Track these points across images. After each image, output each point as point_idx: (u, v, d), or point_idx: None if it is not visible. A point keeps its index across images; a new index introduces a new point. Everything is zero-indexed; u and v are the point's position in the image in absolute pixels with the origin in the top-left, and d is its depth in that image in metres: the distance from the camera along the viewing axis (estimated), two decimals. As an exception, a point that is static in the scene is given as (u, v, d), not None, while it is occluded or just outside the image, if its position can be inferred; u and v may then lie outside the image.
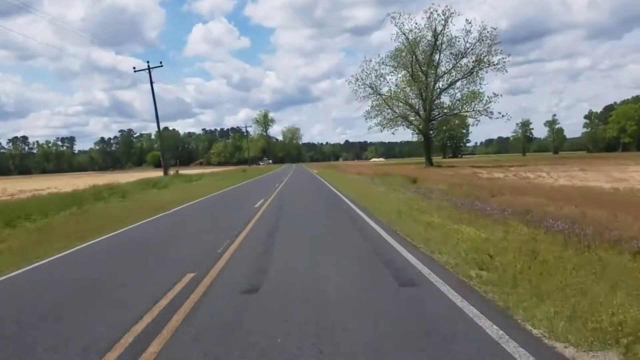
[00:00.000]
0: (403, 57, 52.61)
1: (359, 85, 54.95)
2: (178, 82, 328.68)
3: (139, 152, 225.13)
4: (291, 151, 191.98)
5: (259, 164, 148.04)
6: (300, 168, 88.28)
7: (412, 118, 54.79)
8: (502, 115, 50.40)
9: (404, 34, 51.76)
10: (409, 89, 53.22)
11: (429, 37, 51.75)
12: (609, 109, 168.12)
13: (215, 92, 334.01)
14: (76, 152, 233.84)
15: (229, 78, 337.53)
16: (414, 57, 52.22)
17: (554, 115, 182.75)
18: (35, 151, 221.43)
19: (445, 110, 53.17)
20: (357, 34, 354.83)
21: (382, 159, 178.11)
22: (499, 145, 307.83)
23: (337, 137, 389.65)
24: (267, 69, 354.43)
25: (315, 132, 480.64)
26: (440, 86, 53.17)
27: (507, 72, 49.13)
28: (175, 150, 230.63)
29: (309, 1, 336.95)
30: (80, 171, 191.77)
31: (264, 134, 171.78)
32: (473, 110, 50.78)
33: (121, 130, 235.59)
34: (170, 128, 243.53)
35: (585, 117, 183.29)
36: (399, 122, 55.13)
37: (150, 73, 42.49)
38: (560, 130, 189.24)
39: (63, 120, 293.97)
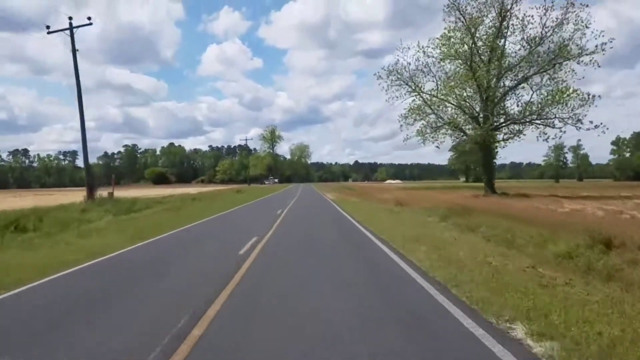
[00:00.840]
0: (456, 42, 36.64)
1: (392, 80, 38.87)
2: (191, 100, 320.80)
3: (142, 168, 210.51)
4: (299, 170, 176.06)
5: (264, 183, 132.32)
6: (308, 190, 72.14)
7: (467, 126, 38.41)
8: (596, 126, 34.27)
9: (458, 10, 36.01)
10: (463, 87, 37.07)
11: (492, 15, 35.98)
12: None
13: (227, 111, 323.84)
14: (79, 167, 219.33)
15: (240, 97, 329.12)
16: (472, 41, 36.26)
17: (579, 140, 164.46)
18: (35, 164, 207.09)
19: (515, 115, 36.70)
20: (369, 57, 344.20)
21: (398, 181, 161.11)
22: (512, 171, 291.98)
23: (345, 158, 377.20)
24: (279, 89, 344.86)
25: (324, 152, 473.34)
26: (507, 84, 37.13)
27: (599, 66, 32.74)
28: (180, 167, 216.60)
29: (321, 23, 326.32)
30: (83, 186, 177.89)
31: (271, 151, 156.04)
32: (555, 117, 34.81)
33: (125, 145, 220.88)
34: (182, 145, 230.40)
35: (613, 143, 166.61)
36: (447, 131, 38.83)
37: (72, 34, 26.79)
38: (586, 156, 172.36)
39: (75, 136, 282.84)
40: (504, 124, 37.28)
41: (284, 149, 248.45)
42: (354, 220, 19.08)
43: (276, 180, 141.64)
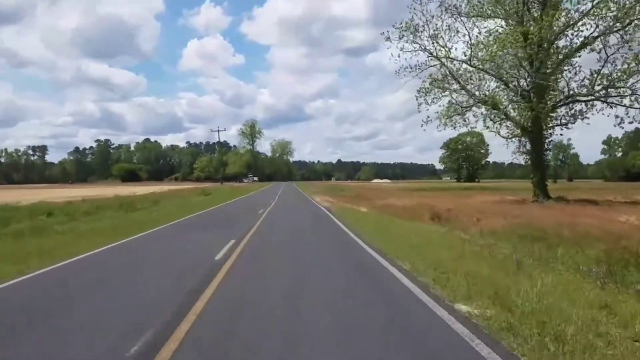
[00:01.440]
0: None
1: (407, 39, 27.12)
2: (171, 96, 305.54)
3: (115, 164, 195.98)
4: (280, 168, 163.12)
5: (242, 182, 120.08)
6: (291, 191, 60.50)
7: (509, 106, 26.81)
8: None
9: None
10: (506, 53, 25.50)
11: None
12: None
13: (208, 108, 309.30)
14: (52, 162, 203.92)
15: (222, 94, 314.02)
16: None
17: (569, 139, 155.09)
18: (2, 160, 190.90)
19: (578, 90, 25.25)
20: (351, 55, 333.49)
21: (387, 181, 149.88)
22: (495, 171, 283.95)
23: (328, 157, 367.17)
24: (261, 86, 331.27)
25: (306, 151, 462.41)
26: (563, 50, 25.77)
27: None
28: (155, 164, 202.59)
29: (304, 20, 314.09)
30: (51, 182, 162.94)
31: (251, 147, 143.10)
32: (632, 94, 23.67)
33: (97, 140, 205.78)
34: (158, 141, 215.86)
35: (604, 142, 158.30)
36: (484, 112, 27.26)
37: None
38: (576, 155, 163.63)
39: (52, 131, 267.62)
40: (560, 103, 25.90)
41: (265, 147, 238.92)
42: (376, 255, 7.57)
43: (255, 178, 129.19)
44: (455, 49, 26.91)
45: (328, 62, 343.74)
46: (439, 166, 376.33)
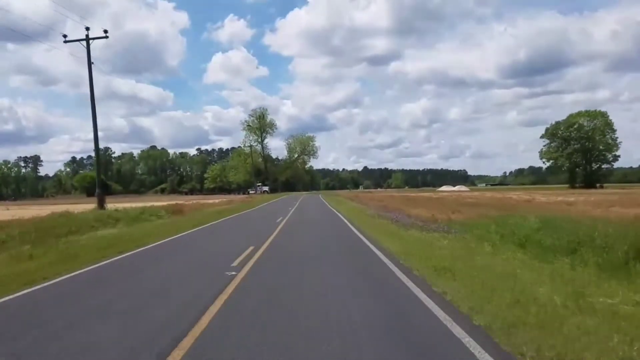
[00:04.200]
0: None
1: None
2: (197, 109, 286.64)
3: (116, 175, 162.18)
4: (300, 174, 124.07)
5: (248, 193, 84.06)
6: (318, 217, 23.34)
7: None
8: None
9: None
10: None
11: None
12: None
13: (233, 120, 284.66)
14: (45, 175, 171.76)
15: (246, 106, 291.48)
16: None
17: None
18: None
19: None
20: (374, 64, 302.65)
21: (463, 188, 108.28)
22: (537, 176, 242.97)
23: (351, 165, 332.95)
24: (284, 97, 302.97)
25: (329, 160, 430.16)
26: None
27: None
28: (162, 174, 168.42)
29: (326, 30, 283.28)
30: (38, 197, 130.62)
31: (261, 145, 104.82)
32: None
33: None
34: (165, 148, 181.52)
35: None
36: None
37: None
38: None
39: (82, 146, 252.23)
40: None
41: (277, 145, 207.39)
42: None
43: (265, 189, 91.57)
44: None
45: (350, 71, 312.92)
46: (514, 166, 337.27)
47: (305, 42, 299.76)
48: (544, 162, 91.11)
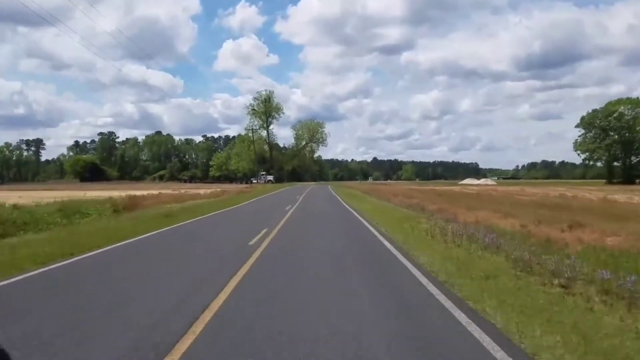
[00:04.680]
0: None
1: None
2: (207, 96, 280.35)
3: (119, 161, 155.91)
4: (307, 164, 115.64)
5: (252, 182, 76.98)
6: (328, 230, 16.16)
7: None
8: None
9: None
10: None
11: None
12: None
13: (242, 108, 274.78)
14: (47, 159, 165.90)
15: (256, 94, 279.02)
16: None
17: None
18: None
19: None
20: (385, 53, 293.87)
21: (489, 181, 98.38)
22: (550, 170, 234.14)
23: (360, 156, 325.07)
24: (294, 86, 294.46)
25: (338, 150, 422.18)
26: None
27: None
28: (165, 160, 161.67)
29: (338, 18, 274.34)
30: (41, 182, 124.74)
31: (266, 131, 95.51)
32: None
33: (100, 133, 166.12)
34: (171, 134, 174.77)
35: None
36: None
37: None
38: None
39: (92, 131, 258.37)
40: None
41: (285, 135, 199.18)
42: None
43: (270, 178, 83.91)
44: None
45: (362, 61, 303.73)
46: (525, 159, 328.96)
47: (316, 30, 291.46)
48: (578, 155, 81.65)
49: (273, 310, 4.78)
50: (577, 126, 77.32)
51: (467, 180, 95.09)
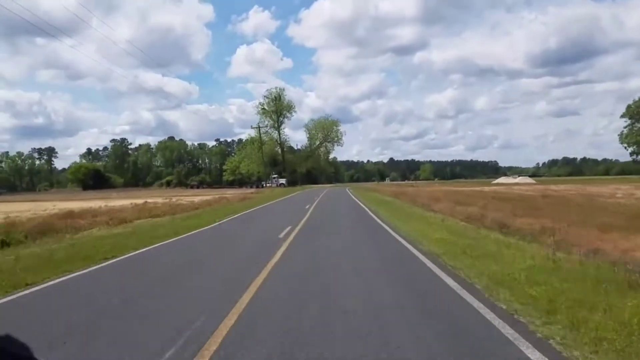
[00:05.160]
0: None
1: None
2: (222, 102, 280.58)
3: (132, 167, 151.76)
4: (323, 166, 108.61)
5: (262, 186, 71.13)
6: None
7: None
8: None
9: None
10: None
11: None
12: None
13: (253, 108, 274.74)
14: (61, 167, 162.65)
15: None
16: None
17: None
18: (3, 165, 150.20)
19: None
20: (399, 54, 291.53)
21: (527, 179, 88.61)
22: (572, 167, 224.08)
23: (375, 157, 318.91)
24: (308, 89, 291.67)
25: (353, 152, 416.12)
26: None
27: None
28: (179, 165, 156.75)
29: (350, 20, 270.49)
30: (44, 191, 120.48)
31: (277, 132, 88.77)
32: None
33: (113, 140, 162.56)
34: (183, 139, 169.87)
35: None
36: None
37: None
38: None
39: (110, 139, 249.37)
40: None
41: (299, 139, 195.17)
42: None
43: (282, 181, 77.65)
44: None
45: (375, 62, 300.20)
46: (543, 157, 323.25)
47: (329, 33, 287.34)
48: (625, 148, 73.72)
49: None
50: (622, 116, 69.89)
51: (503, 179, 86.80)
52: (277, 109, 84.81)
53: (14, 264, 8.36)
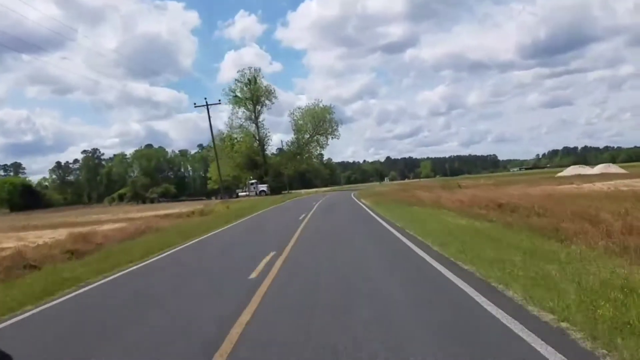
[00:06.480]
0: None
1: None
2: (212, 109, 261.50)
3: (106, 180, 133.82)
4: (315, 167, 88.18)
5: (237, 195, 53.80)
6: None
7: None
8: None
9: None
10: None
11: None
12: None
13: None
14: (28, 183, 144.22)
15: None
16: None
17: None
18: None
19: None
20: (389, 52, 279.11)
21: (611, 167, 61.22)
22: (575, 157, 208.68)
23: (371, 157, 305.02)
24: (299, 92, 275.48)
25: (347, 154, 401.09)
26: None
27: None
28: (158, 175, 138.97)
29: (338, 19, 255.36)
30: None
31: (255, 125, 67.64)
32: None
33: (84, 151, 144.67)
34: (162, 147, 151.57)
35: None
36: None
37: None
38: None
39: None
40: None
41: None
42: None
43: (263, 188, 59.25)
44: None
45: (365, 61, 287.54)
46: (540, 148, 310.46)
47: (317, 34, 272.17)
48: None
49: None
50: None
51: (571, 169, 57.30)
52: (253, 95, 64.86)
53: None
